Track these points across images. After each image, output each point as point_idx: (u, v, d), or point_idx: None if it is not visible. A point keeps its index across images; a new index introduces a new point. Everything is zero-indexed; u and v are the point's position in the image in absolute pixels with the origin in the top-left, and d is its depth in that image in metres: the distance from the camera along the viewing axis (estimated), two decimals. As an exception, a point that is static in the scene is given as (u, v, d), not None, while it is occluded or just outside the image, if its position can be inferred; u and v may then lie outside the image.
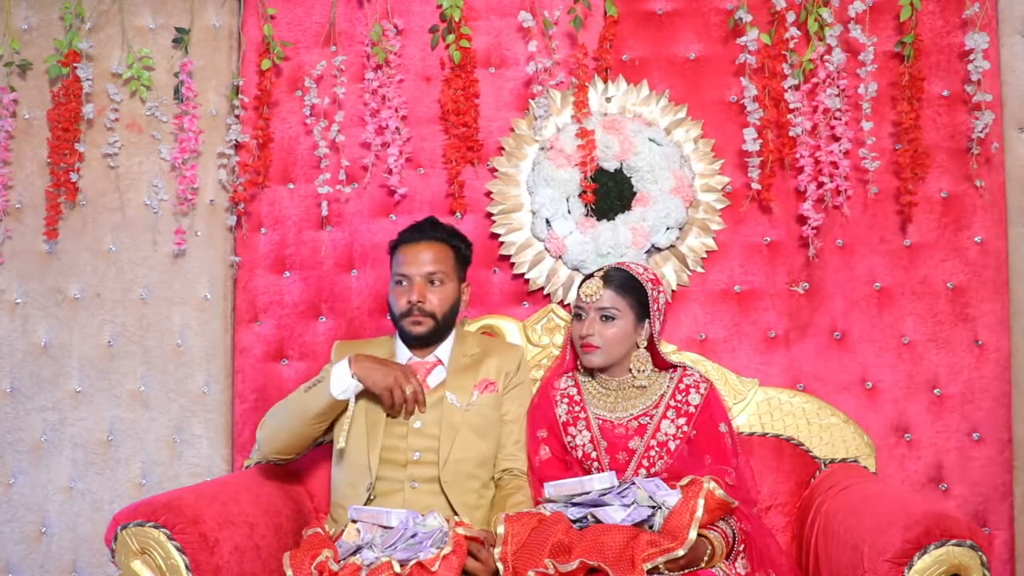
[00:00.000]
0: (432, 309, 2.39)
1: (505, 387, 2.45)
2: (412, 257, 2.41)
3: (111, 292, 3.06)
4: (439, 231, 2.48)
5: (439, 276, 2.41)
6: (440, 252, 2.44)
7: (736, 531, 2.18)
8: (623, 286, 2.37)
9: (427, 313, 2.38)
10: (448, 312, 2.43)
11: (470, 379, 2.42)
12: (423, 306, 2.38)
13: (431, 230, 2.47)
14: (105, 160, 3.07)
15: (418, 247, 2.42)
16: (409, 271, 2.40)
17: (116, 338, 3.05)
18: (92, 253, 3.07)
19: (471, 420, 2.37)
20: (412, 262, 2.40)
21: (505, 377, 2.46)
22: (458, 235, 2.52)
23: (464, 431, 2.35)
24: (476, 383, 2.42)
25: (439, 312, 2.40)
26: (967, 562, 1.97)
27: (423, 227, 2.48)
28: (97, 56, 3.08)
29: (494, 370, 2.45)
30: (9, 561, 3.03)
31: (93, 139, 3.08)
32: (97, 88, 3.05)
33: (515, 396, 2.47)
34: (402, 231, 2.52)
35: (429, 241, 2.44)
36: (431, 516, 2.15)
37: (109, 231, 3.07)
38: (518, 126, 2.96)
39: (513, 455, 2.43)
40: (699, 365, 2.69)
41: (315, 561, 2.07)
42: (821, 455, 2.65)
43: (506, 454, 2.43)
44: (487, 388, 2.42)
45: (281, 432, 2.39)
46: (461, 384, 2.41)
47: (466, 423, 2.36)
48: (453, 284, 2.45)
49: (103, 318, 3.06)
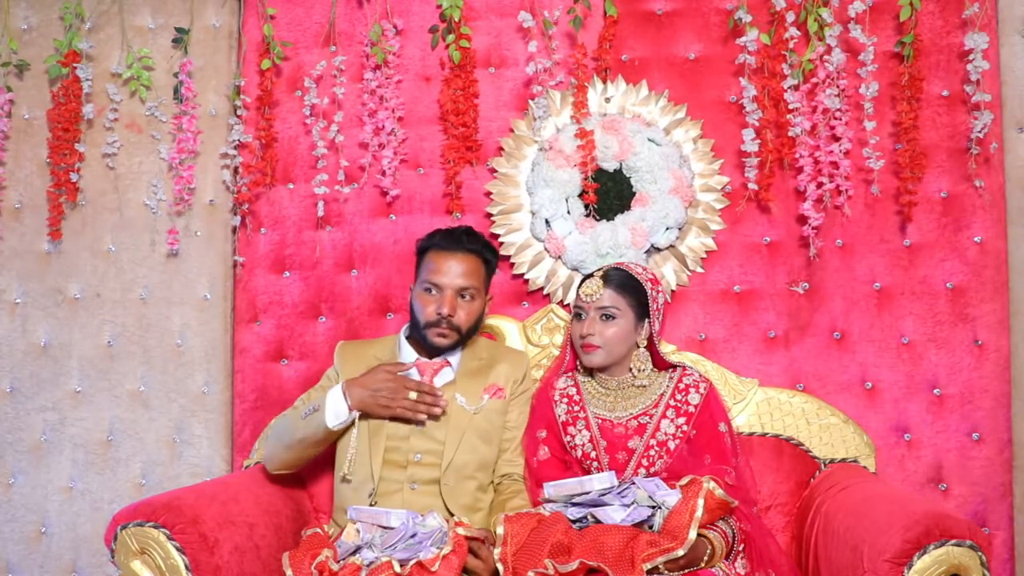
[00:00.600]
0: (459, 323, 2.36)
1: (511, 394, 2.45)
2: (446, 267, 2.36)
3: (111, 292, 3.06)
4: (475, 243, 2.42)
5: (471, 291, 2.37)
6: (474, 265, 2.39)
7: (736, 531, 2.18)
8: (623, 285, 2.37)
9: (454, 327, 2.35)
10: (473, 326, 2.41)
11: (480, 383, 2.41)
12: (452, 320, 2.35)
13: (468, 241, 2.41)
14: (105, 160, 3.07)
15: (453, 257, 2.37)
16: (441, 281, 2.35)
17: (116, 338, 3.05)
18: (92, 253, 3.07)
19: (478, 424, 2.37)
20: (445, 272, 2.35)
21: (513, 384, 2.45)
22: (490, 247, 2.48)
23: (470, 434, 2.35)
24: (486, 387, 2.41)
25: (465, 326, 2.37)
26: (967, 562, 1.97)
27: (460, 237, 2.41)
28: (97, 56, 3.08)
29: (503, 377, 2.44)
30: (9, 561, 3.03)
31: (93, 139, 3.08)
32: (97, 88, 3.05)
33: (519, 403, 2.47)
34: (437, 234, 2.45)
35: (465, 253, 2.39)
36: (431, 516, 2.16)
37: (109, 231, 3.08)
38: (517, 127, 2.96)
39: (513, 460, 2.43)
40: (699, 365, 2.69)
41: (315, 561, 2.07)
42: (821, 455, 2.65)
43: (506, 459, 2.43)
44: (496, 394, 2.41)
45: (282, 453, 2.41)
46: (471, 387, 2.40)
47: (473, 426, 2.36)
48: (481, 299, 2.42)
49: (103, 318, 3.06)
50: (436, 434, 2.35)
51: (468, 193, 2.97)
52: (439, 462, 2.33)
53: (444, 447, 2.33)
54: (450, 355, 2.44)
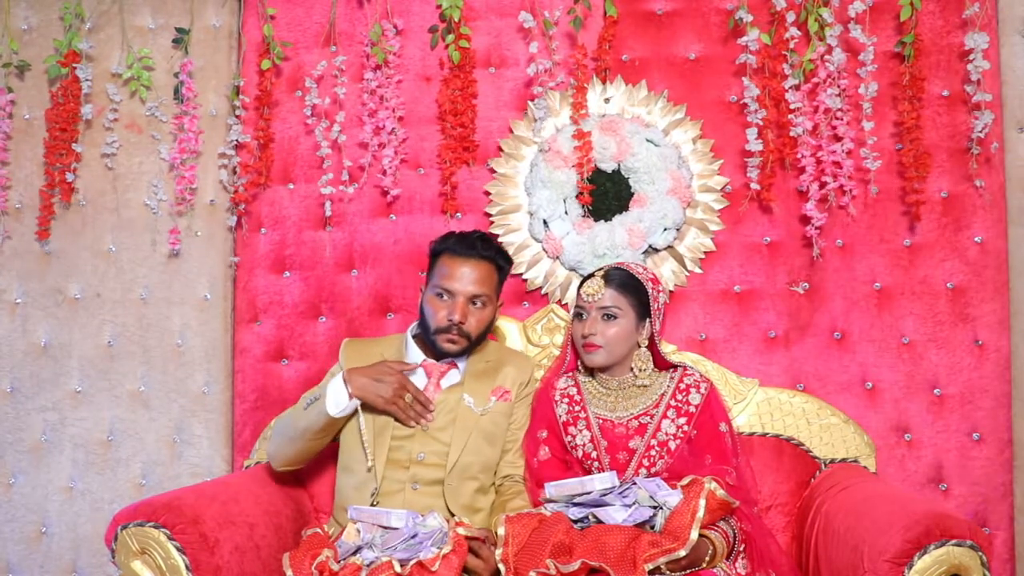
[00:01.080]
0: (470, 330, 2.34)
1: (517, 397, 2.45)
2: (459, 272, 2.33)
3: (111, 292, 3.06)
4: (489, 249, 2.39)
5: (483, 299, 2.35)
6: (486, 272, 2.37)
7: (737, 531, 2.18)
8: (624, 285, 2.37)
9: (464, 334, 2.34)
10: (482, 333, 2.40)
11: (487, 384, 2.41)
12: (463, 327, 2.33)
13: (482, 247, 2.38)
14: (104, 160, 3.07)
15: (467, 263, 2.35)
16: (453, 287, 2.33)
17: (116, 338, 3.05)
18: (92, 253, 3.07)
19: (484, 425, 2.37)
20: (458, 278, 2.33)
21: (519, 387, 2.45)
22: (503, 254, 2.45)
23: (476, 435, 2.35)
24: (493, 389, 2.41)
25: (475, 333, 2.36)
26: (967, 562, 1.97)
27: (474, 243, 2.38)
28: (97, 56, 3.08)
29: (510, 379, 2.44)
30: (9, 561, 3.03)
31: (93, 139, 3.08)
32: (97, 88, 3.05)
33: (522, 405, 2.47)
34: (451, 237, 2.42)
35: (479, 259, 2.36)
36: (431, 516, 2.16)
37: (109, 231, 3.07)
38: (517, 127, 2.96)
39: (514, 462, 2.43)
40: (699, 365, 2.69)
41: (315, 561, 2.07)
42: (821, 455, 2.65)
43: (507, 461, 2.43)
44: (503, 396, 2.41)
45: (285, 448, 2.40)
46: (479, 388, 2.40)
47: (479, 428, 2.36)
48: (492, 305, 2.41)
49: (103, 318, 3.06)
50: (441, 435, 2.34)
51: (467, 193, 2.97)
52: (443, 463, 2.32)
53: (449, 448, 2.33)
54: (458, 358, 2.43)
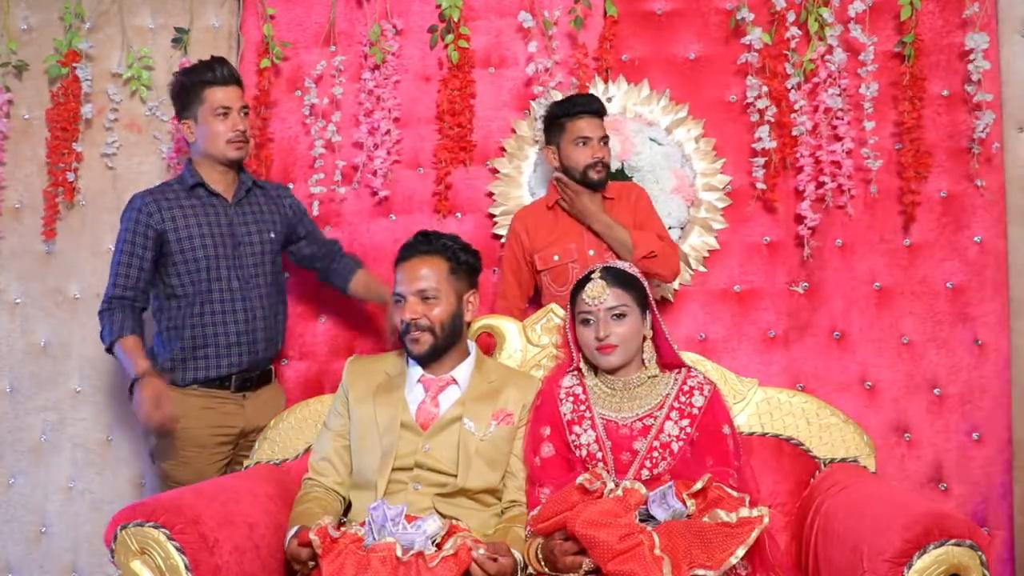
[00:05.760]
0: (429, 324, 2.32)
1: (520, 420, 2.41)
2: (404, 275, 2.35)
3: (111, 292, 3.06)
4: (430, 243, 2.38)
5: (431, 291, 2.33)
6: (431, 265, 2.35)
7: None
8: (624, 282, 2.37)
9: (423, 328, 2.31)
10: (448, 325, 2.35)
11: (488, 407, 2.37)
12: (418, 322, 2.32)
13: (421, 243, 2.38)
14: (104, 160, 3.07)
15: (410, 264, 2.35)
16: (401, 289, 2.34)
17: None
18: (92, 253, 3.07)
19: (485, 450, 2.33)
20: (403, 280, 2.34)
21: (523, 409, 2.40)
22: (454, 246, 2.41)
23: (477, 461, 2.32)
24: (494, 412, 2.37)
25: (437, 325, 2.32)
26: (967, 562, 1.96)
27: (413, 242, 2.39)
28: (97, 56, 3.08)
29: (512, 401, 2.39)
30: (9, 561, 3.03)
31: (93, 139, 3.08)
32: (97, 88, 3.05)
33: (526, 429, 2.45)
34: (400, 247, 2.44)
35: (421, 256, 2.36)
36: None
37: (109, 231, 3.07)
38: (519, 127, 2.95)
39: (521, 488, 2.40)
40: (699, 365, 2.68)
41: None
42: (821, 455, 2.64)
43: (516, 487, 2.38)
44: (504, 419, 2.37)
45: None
46: (479, 412, 2.36)
47: (480, 453, 2.33)
48: (449, 297, 2.36)
49: (103, 318, 3.06)
50: (444, 456, 2.31)
51: (468, 193, 2.97)
52: (446, 482, 2.30)
53: (451, 476, 2.30)
54: (458, 373, 2.41)
